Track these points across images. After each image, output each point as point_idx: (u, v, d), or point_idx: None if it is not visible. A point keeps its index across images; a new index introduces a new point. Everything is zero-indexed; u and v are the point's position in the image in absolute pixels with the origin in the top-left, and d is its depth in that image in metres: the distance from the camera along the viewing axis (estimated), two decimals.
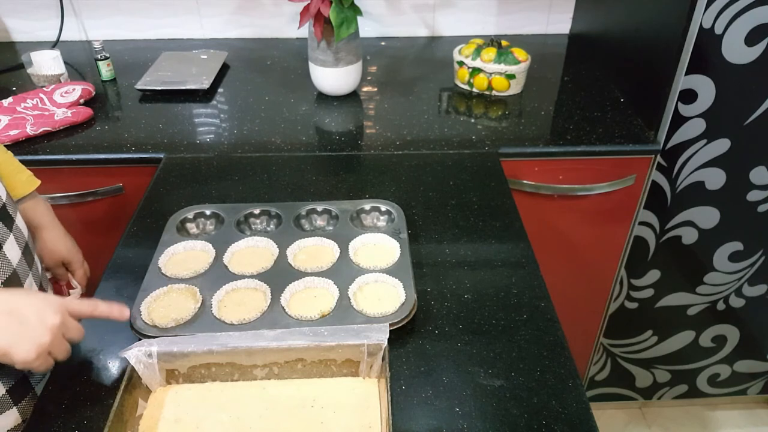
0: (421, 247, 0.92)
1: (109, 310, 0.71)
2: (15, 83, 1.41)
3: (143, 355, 0.68)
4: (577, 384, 0.72)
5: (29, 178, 0.92)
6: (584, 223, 1.32)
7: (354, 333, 0.70)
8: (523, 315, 0.81)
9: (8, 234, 0.76)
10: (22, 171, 0.92)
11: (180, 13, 1.63)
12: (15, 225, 0.78)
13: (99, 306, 0.71)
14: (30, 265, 0.80)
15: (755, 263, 1.41)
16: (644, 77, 1.25)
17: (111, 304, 0.71)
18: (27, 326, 0.63)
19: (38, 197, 0.95)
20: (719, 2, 1.04)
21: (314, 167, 1.13)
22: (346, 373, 0.72)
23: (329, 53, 1.27)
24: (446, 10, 1.65)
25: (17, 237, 0.78)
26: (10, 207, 0.78)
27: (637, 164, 1.23)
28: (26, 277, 0.79)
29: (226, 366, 0.71)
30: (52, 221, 0.95)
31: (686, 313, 1.51)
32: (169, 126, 1.26)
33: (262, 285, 0.82)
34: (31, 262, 0.81)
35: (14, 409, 0.75)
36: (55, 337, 0.65)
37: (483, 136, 1.22)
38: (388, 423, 0.62)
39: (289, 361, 0.70)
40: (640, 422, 1.79)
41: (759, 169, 1.25)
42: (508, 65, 1.32)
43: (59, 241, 0.95)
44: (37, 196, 0.95)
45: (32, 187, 0.92)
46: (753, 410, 1.81)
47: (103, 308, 0.71)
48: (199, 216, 0.96)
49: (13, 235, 0.77)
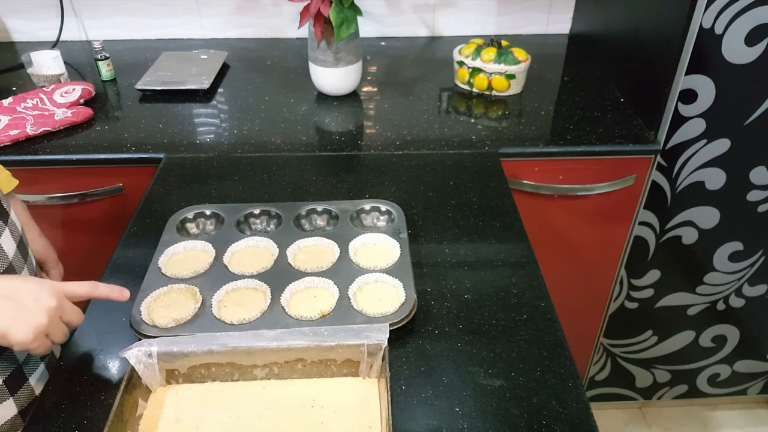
0: (421, 247, 0.92)
1: (109, 291, 0.73)
2: (15, 83, 1.41)
3: (143, 355, 0.68)
4: (577, 384, 0.72)
5: (8, 178, 0.93)
6: (584, 223, 1.32)
7: (354, 333, 0.70)
8: (523, 315, 0.81)
9: (4, 228, 0.77)
10: (1, 171, 0.92)
11: (180, 13, 1.63)
12: (10, 219, 0.79)
13: (99, 287, 0.72)
14: (25, 259, 0.81)
15: (755, 263, 1.41)
16: (644, 77, 1.25)
17: (111, 286, 0.73)
18: (24, 308, 0.65)
19: (15, 197, 0.96)
20: (719, 2, 1.04)
21: (314, 167, 1.13)
22: (346, 373, 0.72)
23: (329, 53, 1.27)
24: (446, 10, 1.65)
25: (12, 231, 0.79)
26: (4, 202, 0.79)
27: (637, 164, 1.23)
28: (22, 270, 0.80)
29: (226, 366, 0.70)
30: (28, 221, 0.96)
31: (686, 313, 1.51)
32: (169, 126, 1.26)
33: (262, 285, 0.82)
34: (25, 255, 0.82)
35: (11, 400, 0.75)
36: (52, 318, 0.66)
37: (483, 136, 1.22)
38: (388, 423, 0.62)
39: (289, 361, 0.70)
40: (640, 422, 1.79)
41: (759, 169, 1.25)
42: (508, 65, 1.33)
43: (35, 240, 0.95)
44: (15, 196, 0.96)
45: (11, 187, 0.93)
46: (753, 410, 1.81)
47: (103, 289, 0.72)
48: (199, 216, 0.96)
49: (8, 228, 0.78)
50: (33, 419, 0.69)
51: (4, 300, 0.65)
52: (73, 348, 0.77)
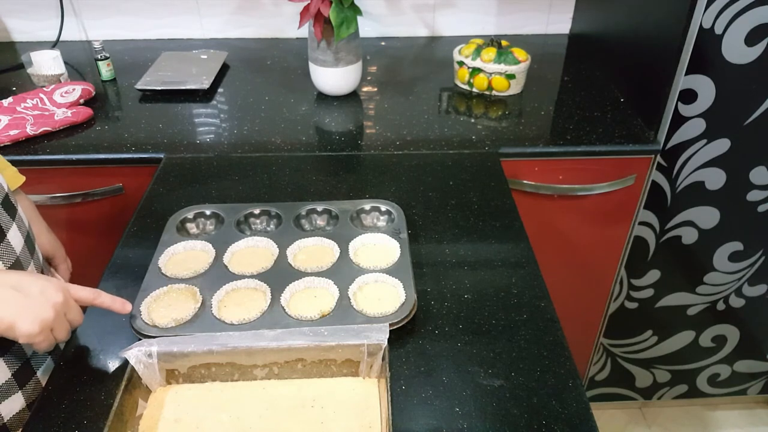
0: (421, 247, 0.92)
1: (111, 302, 0.74)
2: (15, 83, 1.41)
3: (143, 355, 0.68)
4: (577, 384, 0.72)
5: (15, 174, 0.94)
6: (584, 223, 1.32)
7: (354, 333, 0.70)
8: (523, 315, 0.81)
9: (11, 222, 0.77)
10: (8, 167, 0.93)
11: (180, 13, 1.63)
12: (18, 214, 0.80)
13: (102, 296, 0.73)
14: (31, 254, 0.82)
15: (755, 263, 1.41)
16: (644, 77, 1.25)
17: (114, 297, 0.74)
18: (31, 300, 0.66)
19: (22, 194, 0.96)
20: (719, 2, 1.04)
21: (314, 167, 1.13)
22: (346, 373, 0.72)
23: (329, 53, 1.27)
24: (446, 10, 1.65)
25: (19, 226, 0.79)
26: (11, 197, 0.80)
27: (637, 164, 1.23)
28: (28, 264, 0.80)
29: (226, 366, 0.70)
30: (37, 217, 0.96)
31: (686, 313, 1.51)
32: (169, 126, 1.26)
33: (262, 285, 0.82)
34: (32, 250, 0.82)
35: (19, 393, 0.75)
36: (58, 314, 0.67)
37: (483, 136, 1.22)
38: (388, 423, 0.62)
39: (289, 361, 0.70)
40: (640, 422, 1.79)
41: (759, 169, 1.25)
42: (508, 65, 1.33)
43: (43, 236, 0.96)
44: (21, 193, 0.96)
45: (18, 183, 0.93)
46: (753, 410, 1.81)
47: (105, 299, 0.73)
48: (199, 216, 0.96)
49: (15, 223, 0.78)
50: (33, 419, 0.69)
51: (12, 291, 0.66)
52: (73, 348, 0.77)
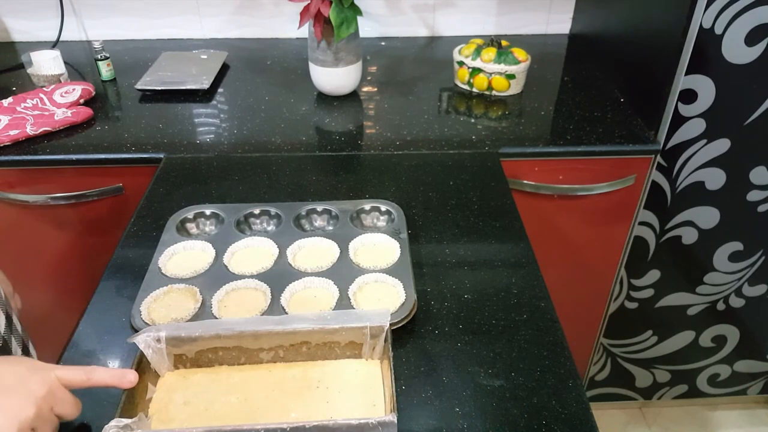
0: (421, 247, 0.92)
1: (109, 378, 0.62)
2: (15, 83, 1.41)
3: (152, 340, 0.68)
4: (577, 384, 0.72)
5: None
6: (584, 223, 1.32)
7: (356, 317, 0.71)
8: (523, 315, 0.81)
9: None
10: None
11: (180, 13, 1.63)
12: None
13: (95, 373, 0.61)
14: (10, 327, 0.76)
15: (755, 263, 1.41)
16: (644, 77, 1.25)
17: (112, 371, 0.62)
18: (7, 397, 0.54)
19: None
20: (719, 2, 1.04)
21: (314, 167, 1.13)
22: (350, 355, 0.73)
23: (329, 53, 1.27)
24: (446, 10, 1.65)
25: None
26: None
27: (637, 164, 1.23)
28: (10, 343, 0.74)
29: (233, 350, 0.71)
30: None
31: (686, 313, 1.51)
32: (169, 126, 1.26)
33: (262, 285, 0.82)
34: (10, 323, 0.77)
35: None
36: (40, 410, 0.56)
37: (483, 136, 1.22)
38: (392, 399, 0.63)
39: (294, 344, 0.72)
40: (640, 422, 1.79)
41: (759, 169, 1.25)
42: (508, 65, 1.32)
43: None
44: None
45: None
46: (753, 410, 1.81)
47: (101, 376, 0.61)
48: (199, 216, 0.96)
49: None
50: None
51: None
52: (73, 348, 0.77)
